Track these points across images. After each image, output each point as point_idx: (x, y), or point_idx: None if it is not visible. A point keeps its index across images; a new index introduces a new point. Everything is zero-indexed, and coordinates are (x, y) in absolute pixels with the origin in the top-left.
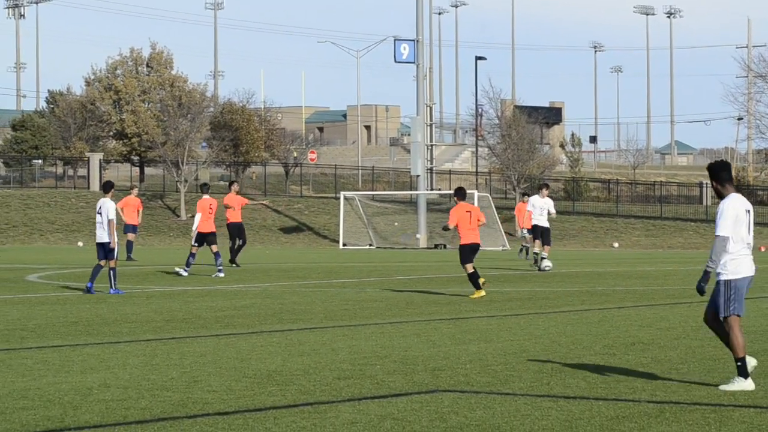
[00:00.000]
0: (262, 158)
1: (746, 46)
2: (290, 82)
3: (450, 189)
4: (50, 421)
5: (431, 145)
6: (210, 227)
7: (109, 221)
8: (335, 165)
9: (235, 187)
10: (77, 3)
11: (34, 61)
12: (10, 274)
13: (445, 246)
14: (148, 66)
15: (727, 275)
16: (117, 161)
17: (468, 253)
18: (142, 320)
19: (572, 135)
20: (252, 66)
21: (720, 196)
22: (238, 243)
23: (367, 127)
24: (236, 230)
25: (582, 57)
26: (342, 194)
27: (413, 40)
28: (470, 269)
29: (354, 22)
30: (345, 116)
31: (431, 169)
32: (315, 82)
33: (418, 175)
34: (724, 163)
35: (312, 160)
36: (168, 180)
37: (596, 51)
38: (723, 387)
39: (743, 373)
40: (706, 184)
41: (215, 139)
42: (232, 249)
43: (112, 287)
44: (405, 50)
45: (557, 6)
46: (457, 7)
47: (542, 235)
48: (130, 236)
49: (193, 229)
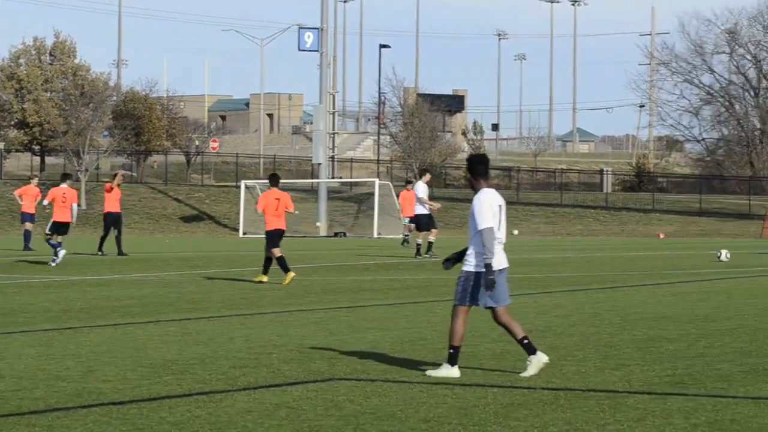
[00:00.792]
0: (164, 147)
1: (650, 34)
2: (194, 70)
3: (352, 177)
4: None
5: (333, 134)
6: (65, 217)
7: None
8: (236, 153)
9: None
10: None
11: None
12: None
13: (345, 234)
14: (51, 55)
15: (471, 267)
16: (18, 150)
17: (274, 238)
18: (38, 310)
19: (474, 123)
20: (156, 54)
21: (474, 189)
22: (114, 233)
23: (270, 116)
24: (112, 220)
25: (486, 45)
26: (243, 183)
27: (317, 29)
28: (278, 253)
29: (259, 10)
30: (248, 105)
31: (333, 157)
32: (219, 70)
33: (319, 164)
34: (481, 156)
35: (214, 149)
36: (69, 169)
37: (500, 39)
38: (430, 372)
39: (453, 361)
40: (607, 171)
41: (117, 128)
42: (103, 238)
43: None
44: (309, 38)
45: None
46: None
47: (427, 223)
48: (28, 225)
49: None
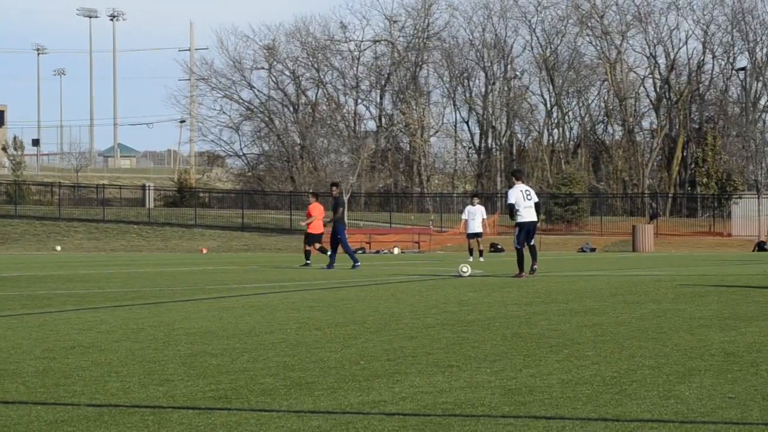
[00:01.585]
0: None
1: (188, 50)
2: None
3: None
4: None
5: None
6: None
7: None
8: None
9: None
10: None
11: None
12: None
13: None
14: None
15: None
16: None
17: None
18: None
19: (15, 138)
20: None
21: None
22: None
23: None
24: None
25: (25, 59)
26: None
27: None
28: None
29: None
30: None
31: None
32: None
33: None
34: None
35: None
36: None
37: (39, 53)
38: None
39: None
40: (149, 186)
41: None
42: None
43: None
44: None
45: None
46: None
47: None
48: None
49: None
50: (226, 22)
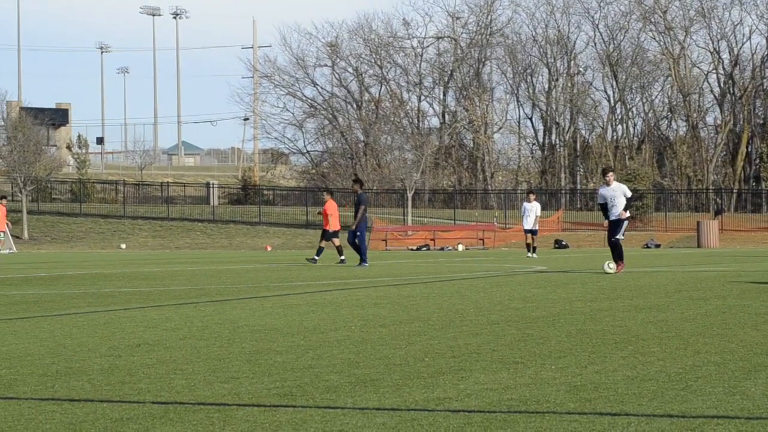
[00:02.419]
0: None
1: (251, 47)
2: None
3: None
4: None
5: None
6: None
7: None
8: None
9: None
10: None
11: None
12: None
13: None
14: None
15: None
16: None
17: None
18: None
19: (79, 136)
20: None
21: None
22: None
23: None
24: None
25: (88, 58)
26: None
27: None
28: None
29: None
30: None
31: None
32: None
33: None
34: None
35: None
36: None
37: (103, 52)
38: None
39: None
40: (214, 184)
41: None
42: None
43: None
44: None
45: (61, 6)
46: None
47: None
48: None
49: None
50: (288, 20)
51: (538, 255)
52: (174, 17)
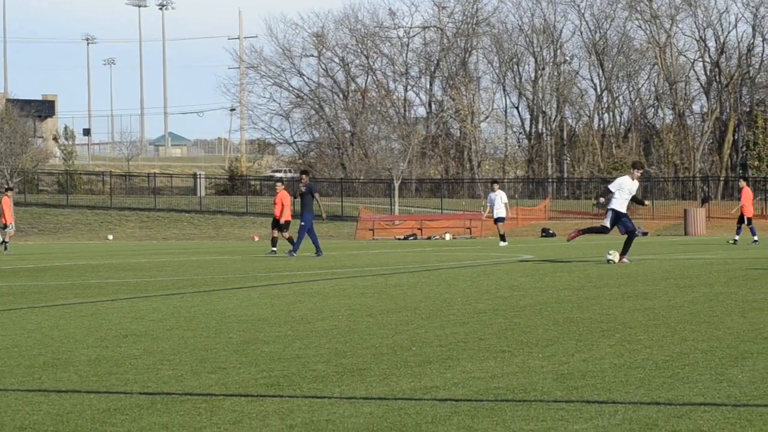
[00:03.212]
0: None
1: (238, 38)
2: None
3: None
4: None
5: None
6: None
7: None
8: None
9: None
10: None
11: None
12: None
13: None
14: None
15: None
16: None
17: None
18: None
19: (66, 128)
20: None
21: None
22: None
23: None
24: None
25: (75, 49)
26: None
27: None
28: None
29: None
30: None
31: None
32: None
33: None
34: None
35: None
36: None
37: (89, 43)
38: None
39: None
40: (201, 174)
41: None
42: None
43: None
44: None
45: None
46: None
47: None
48: None
49: None
50: (274, 10)
51: (509, 242)
52: (160, 8)
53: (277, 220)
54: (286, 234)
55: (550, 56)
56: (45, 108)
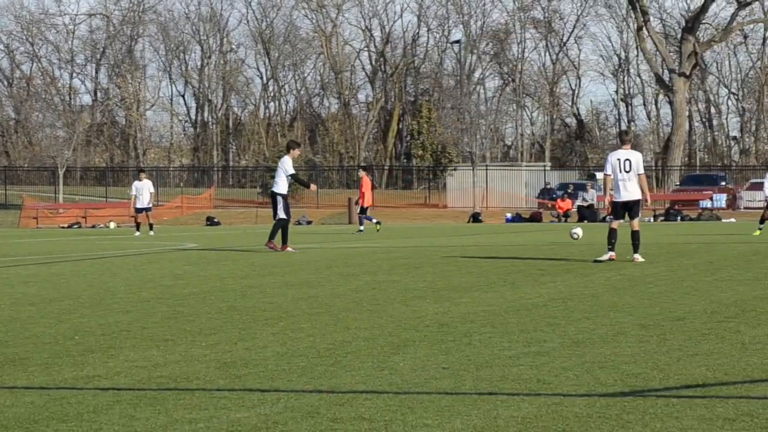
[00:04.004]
0: None
1: None
2: None
3: None
4: None
5: None
6: None
7: None
8: None
9: None
10: None
11: None
12: None
13: None
14: None
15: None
16: None
17: None
18: None
19: None
20: None
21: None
22: None
23: None
24: None
25: None
26: None
27: None
28: None
29: None
30: None
31: None
32: None
33: None
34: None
35: None
36: None
37: None
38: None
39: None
40: None
41: None
42: None
43: None
44: None
45: None
46: None
47: None
48: None
49: None
50: None
51: (155, 232)
52: None
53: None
54: None
55: (217, 45)
56: None
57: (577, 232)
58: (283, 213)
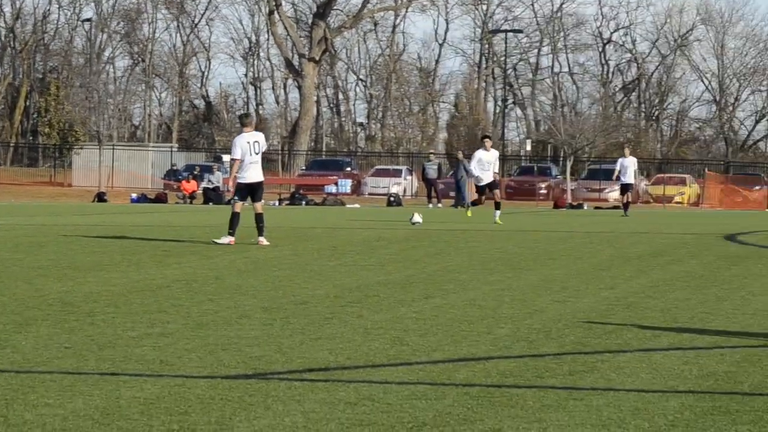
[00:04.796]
0: None
1: None
2: None
3: None
4: None
5: None
6: None
7: None
8: None
9: None
10: None
11: None
12: None
13: None
14: None
15: None
16: None
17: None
18: None
19: None
20: None
21: None
22: None
23: None
24: None
25: None
26: None
27: None
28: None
29: None
30: None
31: None
32: None
33: None
34: None
35: None
36: None
37: None
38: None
39: None
40: None
41: None
42: None
43: None
44: None
45: None
46: None
47: None
48: None
49: None
50: None
51: None
52: None
53: None
54: None
55: None
56: None
57: (418, 221)
58: None
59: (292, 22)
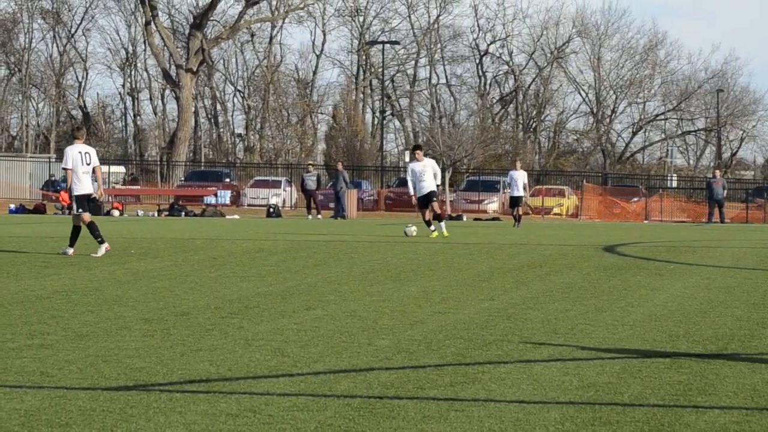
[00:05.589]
0: None
1: None
2: None
3: None
4: None
5: None
6: None
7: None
8: None
9: None
10: None
11: None
12: None
13: None
14: None
15: None
16: None
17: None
18: None
19: None
20: None
21: None
22: None
23: None
24: None
25: None
26: None
27: None
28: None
29: None
30: None
31: None
32: None
33: None
34: None
35: None
36: None
37: None
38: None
39: None
40: None
41: None
42: None
43: None
44: None
45: None
46: None
47: None
48: None
49: None
50: None
51: None
52: None
53: None
54: None
55: None
56: None
57: (411, 231)
58: None
59: (169, 33)
